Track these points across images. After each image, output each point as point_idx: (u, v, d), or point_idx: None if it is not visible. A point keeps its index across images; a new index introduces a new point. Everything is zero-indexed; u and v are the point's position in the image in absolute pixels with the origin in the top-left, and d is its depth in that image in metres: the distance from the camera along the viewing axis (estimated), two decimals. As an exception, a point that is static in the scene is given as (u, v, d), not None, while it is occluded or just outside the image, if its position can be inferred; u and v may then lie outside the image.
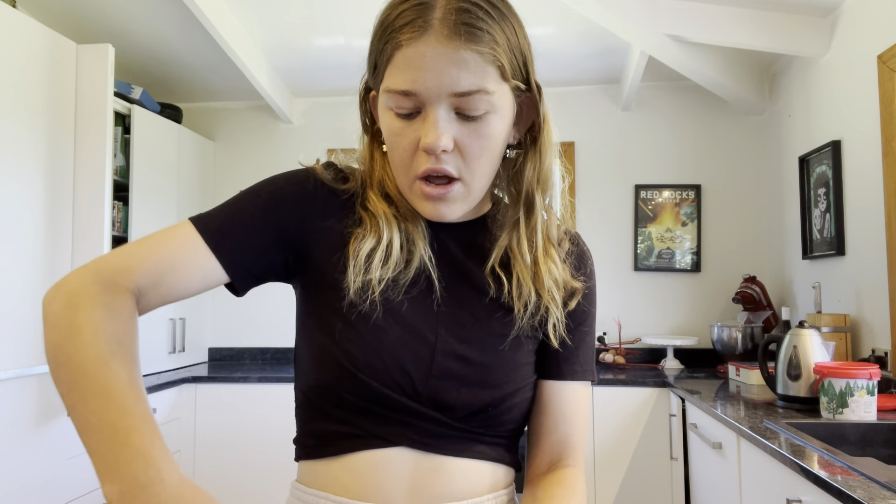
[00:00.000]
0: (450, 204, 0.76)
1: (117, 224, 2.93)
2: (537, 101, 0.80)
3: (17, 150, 2.05)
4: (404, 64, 0.71)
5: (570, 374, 0.84)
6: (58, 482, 2.20)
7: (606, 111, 3.53)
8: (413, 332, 0.77)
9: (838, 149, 2.50)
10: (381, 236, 0.78)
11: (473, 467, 0.79)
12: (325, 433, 0.78)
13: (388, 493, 0.76)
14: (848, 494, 1.19)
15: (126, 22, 2.82)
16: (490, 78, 0.72)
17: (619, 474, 2.80)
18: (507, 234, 0.82)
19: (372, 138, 0.85)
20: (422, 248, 0.79)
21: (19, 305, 2.05)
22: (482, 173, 0.76)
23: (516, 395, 0.80)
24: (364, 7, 2.79)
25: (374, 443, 0.76)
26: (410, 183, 0.76)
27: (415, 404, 0.76)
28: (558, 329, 0.82)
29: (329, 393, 0.77)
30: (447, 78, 0.70)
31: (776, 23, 2.62)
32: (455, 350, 0.78)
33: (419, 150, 0.73)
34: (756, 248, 3.37)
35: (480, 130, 0.73)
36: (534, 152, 0.81)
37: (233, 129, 3.78)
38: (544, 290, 0.81)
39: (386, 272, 0.77)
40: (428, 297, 0.80)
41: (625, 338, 3.38)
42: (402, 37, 0.71)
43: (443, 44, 0.70)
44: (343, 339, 0.76)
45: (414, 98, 0.72)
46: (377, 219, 0.79)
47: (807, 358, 1.99)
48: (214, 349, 3.66)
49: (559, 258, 0.83)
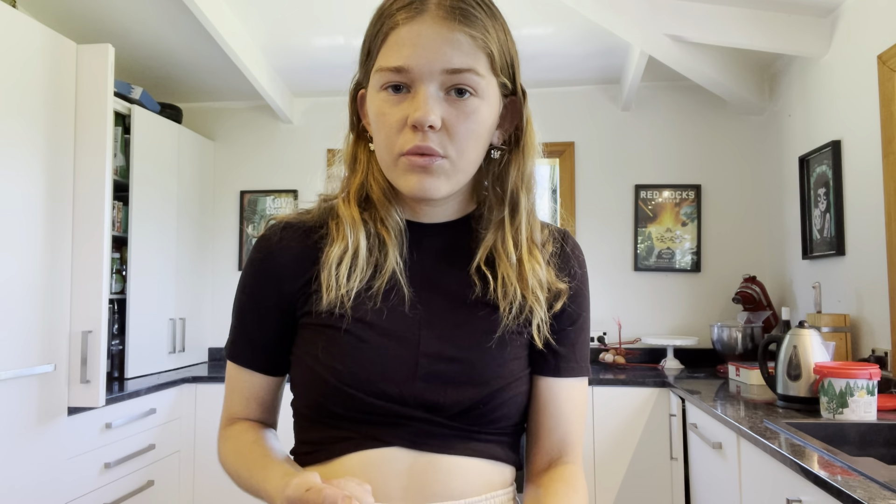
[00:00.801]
0: (434, 178, 0.76)
1: (117, 224, 2.93)
2: (521, 105, 0.82)
3: (16, 150, 2.05)
4: (399, 42, 0.74)
5: (566, 371, 0.85)
6: (58, 482, 2.20)
7: (606, 111, 3.53)
8: (394, 339, 0.78)
9: (838, 149, 2.50)
10: (347, 241, 0.80)
11: (470, 465, 0.78)
12: (317, 439, 0.80)
13: (384, 491, 0.76)
14: (848, 494, 1.19)
15: (126, 22, 2.83)
16: (480, 63, 0.75)
17: (619, 474, 2.80)
18: (492, 234, 0.83)
19: (357, 137, 0.86)
20: (393, 254, 0.81)
21: (19, 305, 2.05)
22: (468, 157, 0.77)
23: (506, 390, 0.79)
24: (364, 7, 2.78)
25: (368, 444, 0.77)
26: (395, 160, 0.77)
27: (404, 409, 0.76)
28: (542, 330, 0.82)
29: (320, 409, 0.78)
30: (440, 55, 0.73)
31: (776, 23, 2.62)
32: (439, 351, 0.78)
33: (406, 128, 0.75)
34: (756, 248, 3.37)
35: (468, 113, 0.75)
36: (517, 153, 0.84)
37: (233, 129, 3.78)
38: (528, 291, 0.81)
39: (354, 282, 0.79)
40: (405, 300, 0.80)
41: (625, 338, 3.38)
42: (398, 17, 0.74)
43: (438, 24, 0.73)
44: (325, 356, 0.78)
45: (406, 75, 0.74)
46: (343, 224, 0.81)
47: (807, 358, 1.99)
48: (214, 349, 3.66)
49: (543, 260, 0.84)
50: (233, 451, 0.85)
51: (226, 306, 3.65)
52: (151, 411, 2.71)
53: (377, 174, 0.83)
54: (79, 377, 2.25)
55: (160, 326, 3.15)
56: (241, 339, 0.87)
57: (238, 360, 0.87)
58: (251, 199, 3.71)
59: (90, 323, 2.27)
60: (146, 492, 2.67)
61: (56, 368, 2.19)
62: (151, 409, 2.71)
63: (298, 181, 3.64)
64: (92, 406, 2.27)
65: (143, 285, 3.02)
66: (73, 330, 2.27)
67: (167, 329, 3.21)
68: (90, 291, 2.28)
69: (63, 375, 2.23)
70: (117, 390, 2.59)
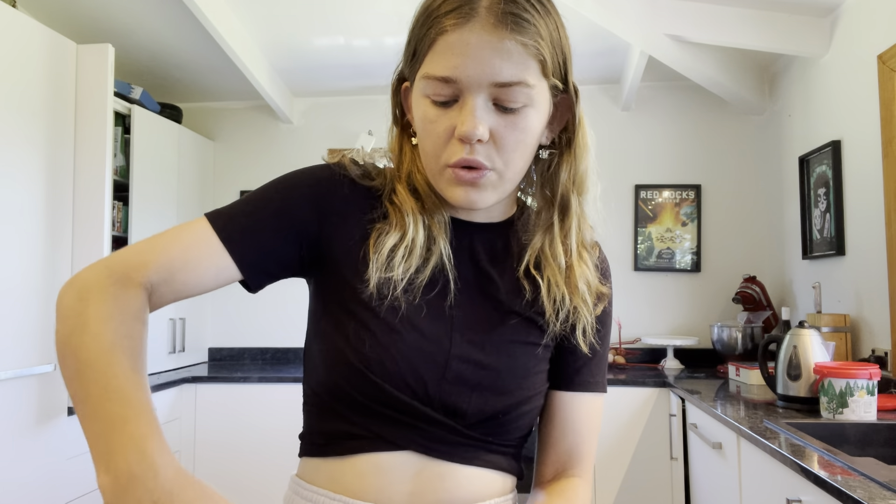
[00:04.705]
0: (481, 191, 0.74)
1: (117, 224, 2.93)
2: (573, 103, 0.79)
3: (17, 150, 2.05)
4: (447, 50, 0.70)
5: (581, 386, 0.83)
6: (58, 482, 2.20)
7: (606, 111, 3.53)
8: (428, 336, 0.76)
9: (838, 149, 2.50)
10: (405, 231, 0.77)
11: (479, 475, 0.78)
12: (332, 432, 0.77)
13: (388, 496, 0.75)
14: (848, 494, 1.19)
15: (126, 22, 2.82)
16: (531, 71, 0.71)
17: (619, 474, 2.80)
18: (539, 237, 0.80)
19: (402, 130, 0.83)
20: (442, 247, 0.78)
21: (19, 305, 2.05)
22: (515, 167, 0.75)
23: (527, 402, 0.79)
24: (364, 7, 2.79)
25: (381, 445, 0.75)
26: (441, 170, 0.74)
27: (425, 408, 0.75)
28: (588, 334, 0.80)
29: (339, 392, 0.76)
30: (489, 67, 0.69)
31: (776, 23, 2.62)
32: (470, 355, 0.77)
33: (453, 139, 0.72)
34: (756, 248, 3.37)
35: (517, 123, 0.72)
36: (569, 154, 0.80)
37: (233, 129, 3.78)
38: (577, 294, 0.79)
39: (407, 271, 0.76)
40: (445, 299, 0.78)
41: (625, 338, 3.38)
42: (446, 22, 0.70)
43: (488, 32, 0.69)
44: (356, 339, 0.75)
45: (453, 85, 0.71)
46: (403, 213, 0.78)
47: (807, 358, 1.99)
48: (214, 349, 3.66)
49: (591, 262, 0.83)
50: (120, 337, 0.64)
51: (226, 306, 3.66)
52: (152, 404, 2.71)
53: (422, 168, 0.79)
54: (79, 377, 2.25)
55: (160, 326, 3.15)
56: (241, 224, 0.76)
57: (224, 234, 0.74)
58: (251, 199, 3.70)
59: (90, 323, 2.27)
60: (146, 492, 2.66)
61: (56, 368, 2.19)
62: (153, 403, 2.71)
63: (298, 181, 3.64)
64: (92, 406, 2.27)
65: (143, 285, 3.01)
66: (73, 330, 2.26)
67: (167, 329, 3.21)
68: (90, 291, 2.27)
69: (63, 375, 2.23)
70: (117, 390, 2.59)
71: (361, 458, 0.76)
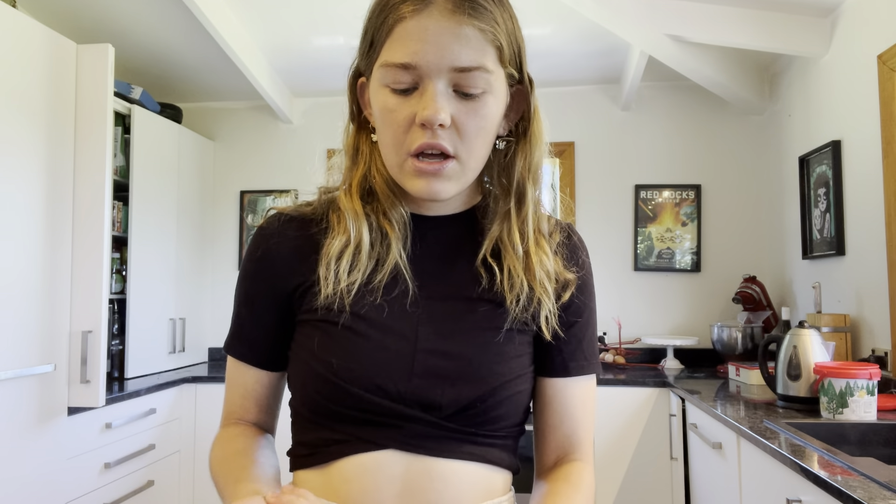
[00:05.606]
0: (444, 181, 0.74)
1: (117, 224, 2.93)
2: (528, 93, 0.80)
3: (16, 150, 2.05)
4: (406, 36, 0.71)
5: (575, 370, 0.83)
6: (58, 482, 2.19)
7: (606, 111, 3.53)
8: (392, 334, 0.77)
9: (838, 149, 2.50)
10: (349, 234, 0.78)
11: (465, 470, 0.77)
12: (313, 442, 0.78)
13: (377, 497, 0.74)
14: (848, 494, 1.19)
15: (126, 22, 2.83)
16: (489, 57, 0.72)
17: (619, 474, 2.80)
18: (498, 226, 0.81)
19: (359, 127, 0.83)
20: (396, 247, 0.79)
21: (19, 305, 2.05)
22: (477, 154, 0.75)
23: (506, 388, 0.77)
24: (364, 7, 2.79)
25: (361, 447, 0.75)
26: (402, 161, 0.74)
27: (400, 406, 0.75)
28: (551, 321, 0.80)
29: (315, 405, 0.77)
30: (449, 52, 0.70)
31: (776, 23, 2.62)
32: (437, 347, 0.77)
33: (414, 126, 0.72)
34: (756, 248, 3.37)
35: (478, 110, 0.73)
36: (524, 143, 0.81)
37: (233, 129, 3.78)
38: (536, 282, 0.80)
39: (357, 275, 0.77)
40: (407, 295, 0.79)
41: (625, 338, 3.38)
42: (404, 9, 0.71)
43: (446, 17, 0.70)
44: (321, 350, 0.76)
45: (413, 72, 0.71)
46: (345, 217, 0.79)
47: (807, 358, 1.99)
48: (214, 349, 3.66)
49: (550, 249, 0.83)
50: (218, 457, 0.83)
51: (226, 306, 3.65)
52: (151, 411, 2.71)
53: (380, 166, 0.80)
54: (79, 377, 2.25)
55: (160, 326, 3.15)
56: (240, 334, 0.86)
57: (236, 353, 0.86)
58: (251, 199, 3.71)
59: (90, 323, 2.27)
60: (146, 492, 2.67)
61: (56, 368, 2.19)
62: (151, 409, 2.71)
63: (298, 181, 3.64)
64: (92, 406, 2.27)
65: (143, 285, 3.02)
66: (73, 330, 2.27)
67: (167, 329, 3.21)
68: (90, 291, 2.28)
69: (63, 375, 2.23)
70: (117, 390, 2.59)
71: (344, 461, 0.76)
